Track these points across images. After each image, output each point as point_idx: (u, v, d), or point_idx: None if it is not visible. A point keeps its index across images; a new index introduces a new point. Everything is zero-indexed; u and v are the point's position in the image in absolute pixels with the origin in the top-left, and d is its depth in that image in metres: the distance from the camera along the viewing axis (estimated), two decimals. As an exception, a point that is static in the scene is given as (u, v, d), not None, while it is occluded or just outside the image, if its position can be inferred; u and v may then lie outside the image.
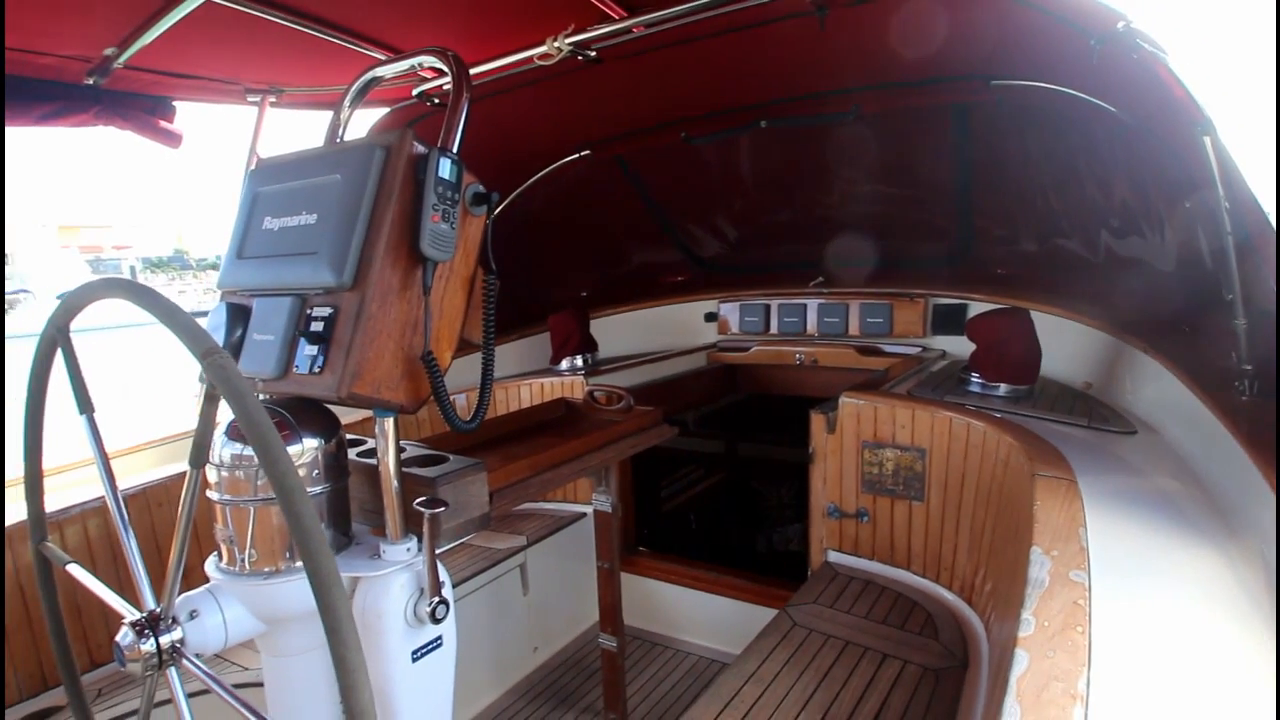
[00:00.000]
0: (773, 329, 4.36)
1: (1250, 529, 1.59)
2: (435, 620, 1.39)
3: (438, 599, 1.39)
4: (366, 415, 2.19)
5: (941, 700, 2.00)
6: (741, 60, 2.64)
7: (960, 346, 3.65)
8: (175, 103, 2.64)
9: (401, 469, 1.41)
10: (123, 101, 2.48)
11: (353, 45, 2.33)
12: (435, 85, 2.66)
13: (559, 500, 3.73)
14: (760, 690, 2.06)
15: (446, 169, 1.31)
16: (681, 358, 4.25)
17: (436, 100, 2.73)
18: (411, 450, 1.66)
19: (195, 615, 1.23)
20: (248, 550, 1.31)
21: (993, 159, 3.07)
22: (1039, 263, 3.43)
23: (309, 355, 1.26)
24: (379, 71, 1.63)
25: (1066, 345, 3.13)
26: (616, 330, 4.66)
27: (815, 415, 2.88)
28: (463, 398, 3.42)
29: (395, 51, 2.41)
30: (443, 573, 1.43)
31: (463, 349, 1.48)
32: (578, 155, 3.74)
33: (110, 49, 2.18)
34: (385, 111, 2.94)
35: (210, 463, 1.29)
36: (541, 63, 2.30)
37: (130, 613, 1.16)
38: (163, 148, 2.71)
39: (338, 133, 1.66)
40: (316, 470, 1.36)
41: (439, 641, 1.44)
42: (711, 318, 4.65)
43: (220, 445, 1.30)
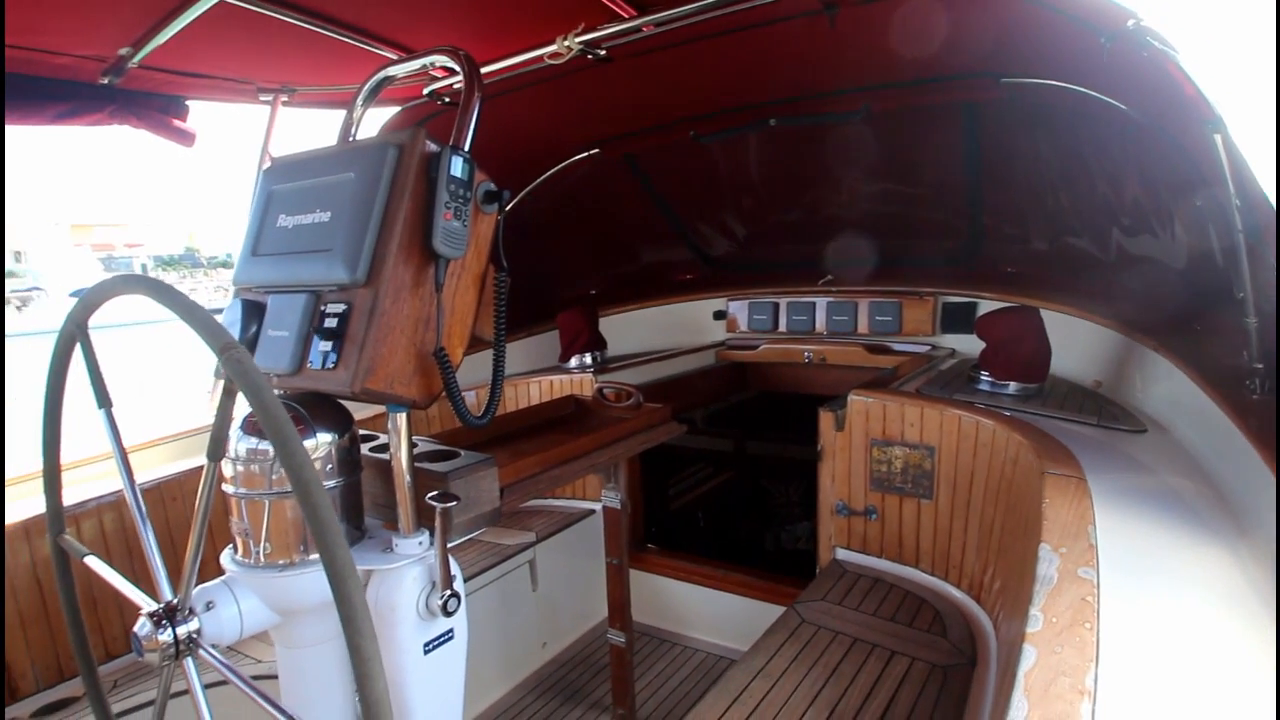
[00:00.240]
0: (781, 327, 4.36)
1: (1260, 528, 1.59)
2: (447, 613, 1.41)
3: (449, 592, 1.41)
4: (377, 411, 2.21)
5: (949, 697, 2.01)
6: (751, 59, 2.64)
7: (970, 345, 3.65)
8: (188, 102, 2.66)
9: (414, 464, 1.43)
10: (137, 101, 2.50)
11: (364, 45, 2.35)
12: (445, 84, 2.67)
13: (568, 497, 3.75)
14: (768, 686, 2.07)
15: (459, 167, 1.33)
16: (690, 356, 4.26)
17: (447, 99, 2.74)
18: (423, 445, 1.68)
19: (211, 606, 1.25)
20: (263, 543, 1.33)
21: (1002, 157, 3.07)
22: (1049, 261, 3.42)
23: (323, 351, 1.28)
24: (391, 71, 1.64)
25: (1076, 343, 3.12)
26: (625, 328, 4.67)
27: (824, 413, 2.89)
28: (472, 394, 3.43)
29: (406, 51, 2.43)
30: (454, 566, 1.44)
31: (472, 346, 1.49)
32: (587, 154, 3.75)
33: (125, 49, 2.21)
34: (396, 110, 2.96)
35: (226, 457, 1.31)
36: (551, 62, 2.32)
37: (148, 604, 1.18)
38: (175, 146, 2.75)
39: (350, 131, 1.68)
40: (330, 465, 1.38)
41: (450, 634, 1.46)
42: (720, 316, 4.65)
43: (236, 439, 1.32)
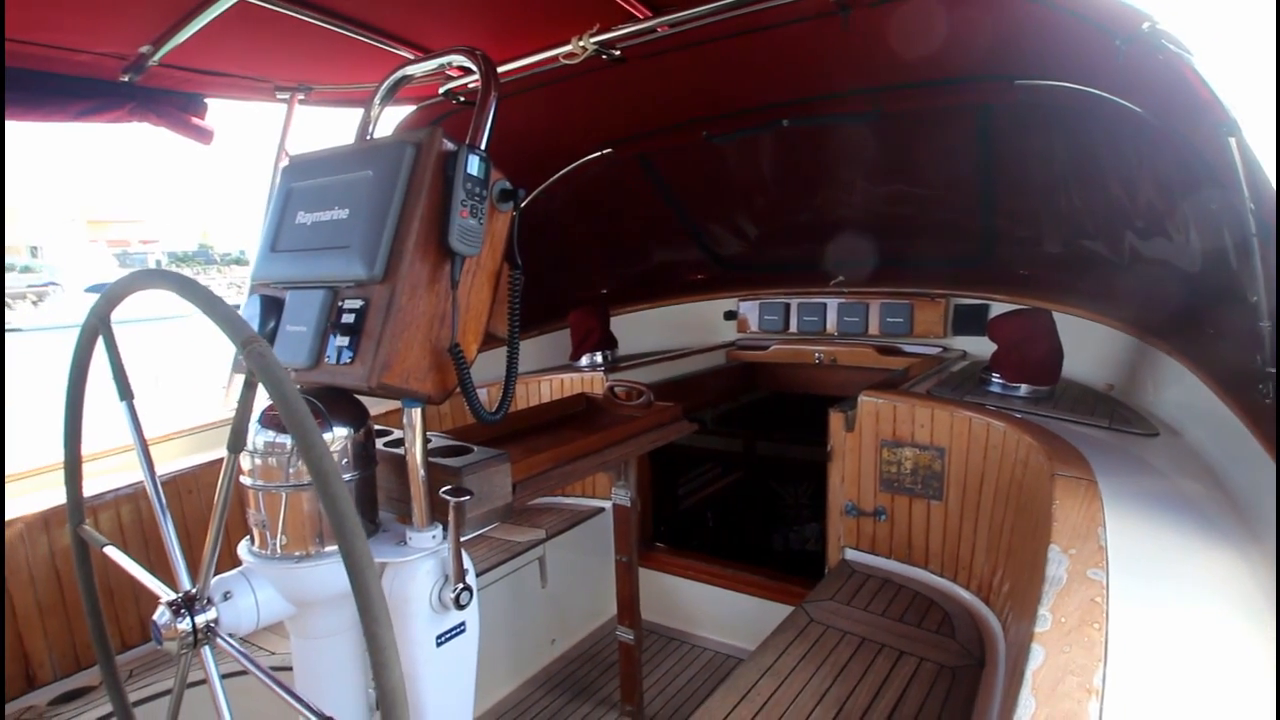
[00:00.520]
0: (792, 328, 4.37)
1: (1271, 532, 1.59)
2: (460, 606, 1.42)
3: (462, 585, 1.42)
4: (391, 407, 2.23)
5: (957, 698, 2.01)
6: (764, 59, 2.65)
7: (981, 347, 3.64)
8: (207, 100, 2.69)
9: (428, 459, 1.45)
10: (156, 98, 2.54)
11: (381, 44, 2.37)
12: (461, 83, 2.69)
13: (577, 495, 3.77)
14: (776, 684, 2.08)
15: (475, 166, 1.34)
16: (700, 355, 4.27)
17: (462, 98, 2.76)
18: (437, 441, 1.70)
19: (229, 596, 1.28)
20: (279, 535, 1.35)
21: (1016, 159, 3.06)
22: (1061, 263, 3.41)
23: (340, 346, 1.30)
24: (408, 70, 1.66)
25: (1089, 346, 3.11)
26: (636, 327, 4.68)
27: (834, 413, 2.89)
28: (483, 392, 3.46)
29: (423, 50, 2.45)
30: (466, 560, 1.46)
31: (485, 344, 1.51)
32: (599, 153, 3.76)
33: (145, 47, 2.23)
34: (411, 109, 2.98)
35: (245, 449, 1.33)
36: (566, 62, 2.33)
37: (166, 593, 1.20)
38: (192, 144, 2.78)
39: (368, 130, 1.70)
40: (345, 458, 1.40)
41: (462, 627, 1.47)
42: (731, 316, 4.66)
43: (254, 432, 1.34)
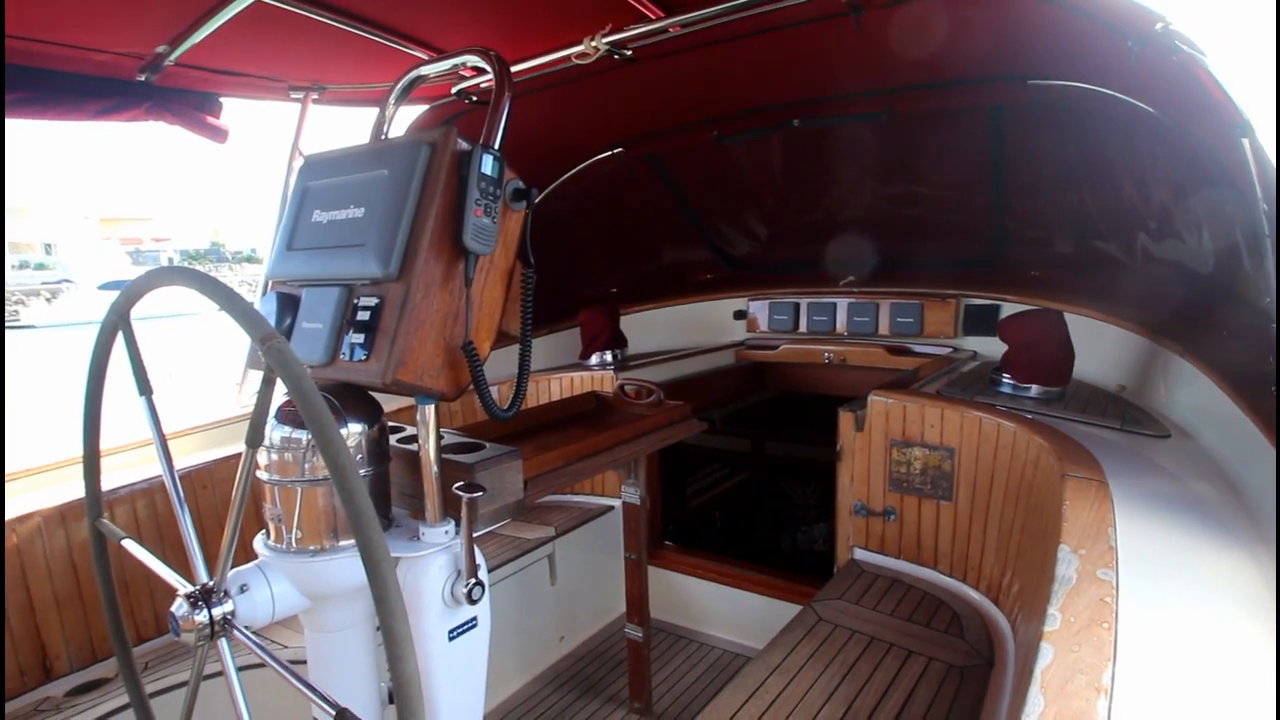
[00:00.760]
0: (802, 328, 4.37)
1: None
2: (472, 601, 1.44)
3: (474, 580, 1.44)
4: (403, 405, 2.25)
5: (966, 698, 2.01)
6: (776, 60, 2.65)
7: (992, 348, 3.63)
8: (222, 99, 2.72)
9: (441, 455, 1.46)
10: (172, 98, 2.56)
11: (394, 44, 2.39)
12: (473, 83, 2.71)
13: (586, 493, 3.78)
14: (785, 682, 2.09)
15: (489, 165, 1.36)
16: (710, 355, 4.28)
17: (474, 98, 2.78)
18: (449, 438, 1.71)
19: (245, 589, 1.29)
20: (295, 529, 1.36)
21: (1028, 159, 3.06)
22: (1073, 264, 3.40)
23: (355, 343, 1.31)
24: (423, 71, 1.68)
25: (1100, 347, 3.11)
26: (646, 327, 4.69)
27: (843, 413, 2.89)
28: (494, 389, 3.47)
29: (436, 50, 2.47)
30: (479, 556, 1.47)
31: (497, 341, 1.52)
32: (610, 153, 3.78)
33: (162, 47, 2.26)
34: (423, 108, 3.00)
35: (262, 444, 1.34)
36: (579, 62, 2.34)
37: (184, 586, 1.22)
38: (205, 142, 2.80)
39: (382, 129, 1.72)
40: (360, 454, 1.41)
41: (474, 622, 1.49)
42: (741, 315, 4.66)
43: (270, 428, 1.35)
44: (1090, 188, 2.93)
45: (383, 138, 1.71)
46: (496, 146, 1.40)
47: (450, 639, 1.45)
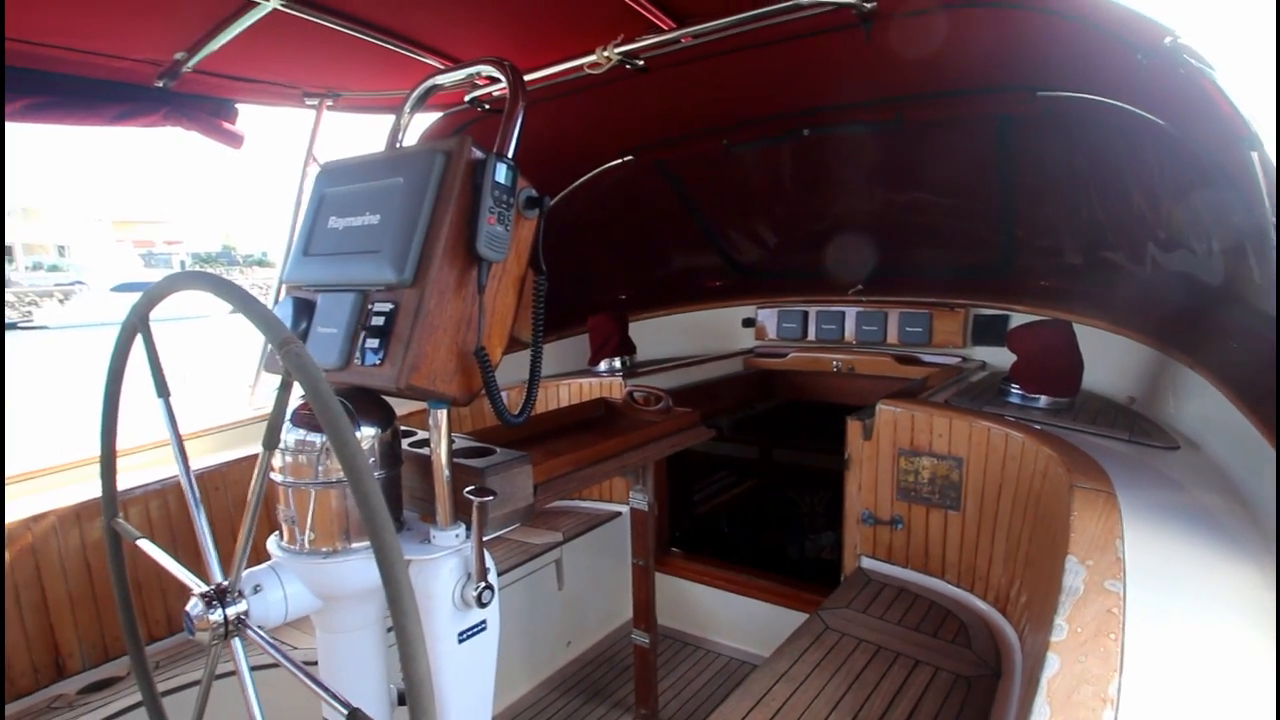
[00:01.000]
0: (810, 336, 4.37)
1: None
2: (481, 604, 1.45)
3: (484, 584, 1.45)
4: (413, 409, 2.27)
5: (973, 708, 2.01)
6: (786, 70, 2.67)
7: (1001, 358, 3.63)
8: (237, 105, 2.76)
9: (453, 459, 1.48)
10: (189, 104, 2.60)
11: (409, 52, 2.42)
12: (486, 92, 2.74)
13: (594, 499, 3.79)
14: (791, 690, 2.09)
15: (503, 174, 1.37)
16: (718, 362, 4.28)
17: (487, 106, 2.81)
18: (460, 442, 1.73)
19: (259, 589, 1.31)
20: (308, 530, 1.38)
21: (1036, 169, 3.06)
22: (1083, 274, 3.40)
23: (370, 348, 1.33)
24: (438, 80, 1.70)
25: (1110, 358, 3.10)
26: (654, 333, 4.71)
27: (852, 422, 2.90)
28: (505, 395, 3.48)
29: (450, 59, 2.50)
30: (488, 559, 1.49)
31: (508, 347, 1.54)
32: (621, 161, 3.80)
33: (180, 54, 2.30)
34: (436, 115, 3.03)
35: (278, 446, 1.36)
36: (591, 71, 2.36)
37: (199, 585, 1.23)
38: (222, 147, 2.84)
39: (398, 137, 1.74)
40: (373, 457, 1.43)
41: (483, 625, 1.50)
42: (749, 323, 4.67)
43: (285, 431, 1.37)
44: (1099, 198, 2.93)
45: (398, 145, 1.73)
46: (510, 155, 1.42)
47: (460, 641, 1.46)
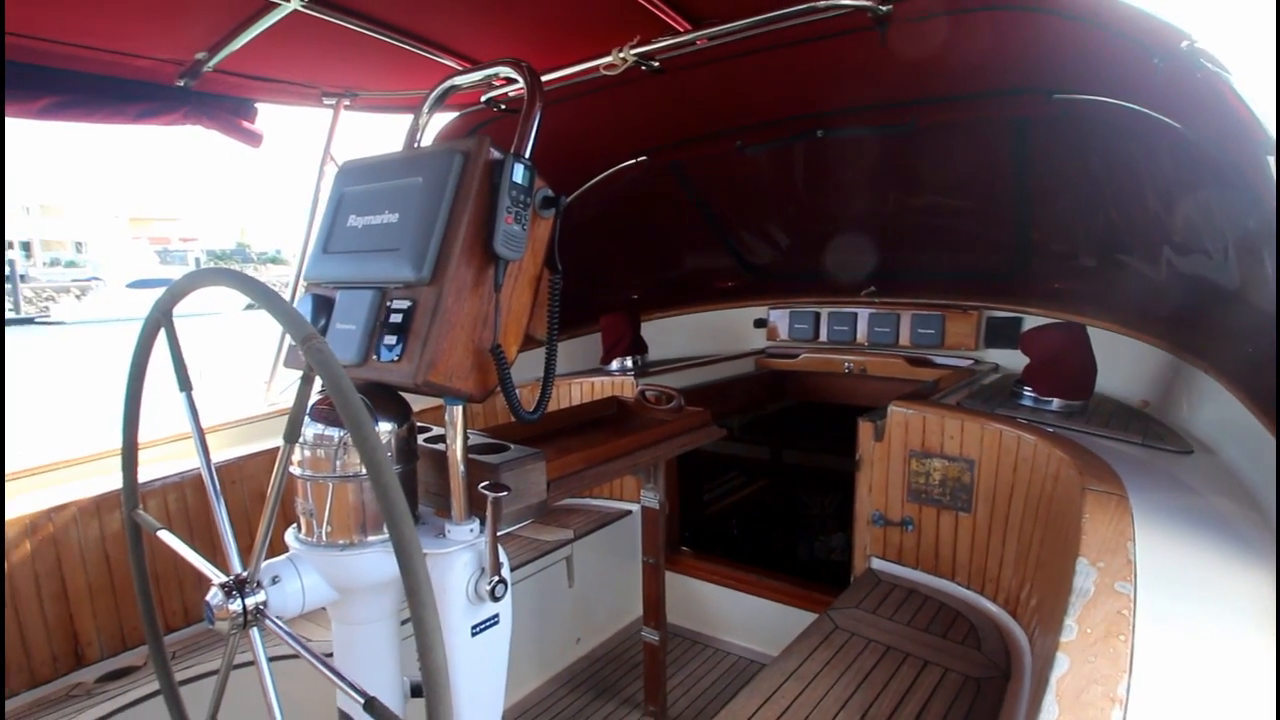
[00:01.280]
0: (822, 337, 4.37)
1: None
2: (495, 598, 1.47)
3: (497, 578, 1.47)
4: (427, 406, 2.29)
5: (981, 709, 2.01)
6: (800, 72, 2.68)
7: (1013, 361, 3.62)
8: (257, 104, 2.79)
9: (468, 455, 1.50)
10: (210, 103, 2.63)
11: (425, 53, 2.44)
12: (502, 92, 2.76)
13: (605, 497, 3.81)
14: (800, 688, 2.10)
15: (520, 174, 1.39)
16: (729, 363, 4.29)
17: (503, 106, 2.83)
18: (475, 438, 1.75)
19: (277, 580, 1.33)
20: (325, 523, 1.40)
21: (1052, 172, 3.05)
22: (1097, 277, 3.38)
23: (388, 344, 1.35)
24: (457, 80, 1.72)
25: (1124, 362, 3.09)
26: (666, 333, 4.72)
27: (863, 423, 2.90)
28: (519, 392, 3.50)
29: (466, 59, 2.52)
30: (502, 554, 1.51)
31: (523, 345, 1.56)
32: (634, 161, 3.81)
33: (201, 53, 2.33)
34: (453, 115, 3.06)
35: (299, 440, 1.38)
36: (606, 72, 2.38)
37: (218, 576, 1.26)
38: (240, 145, 2.87)
39: (416, 137, 1.76)
40: (389, 452, 1.45)
41: (496, 619, 1.52)
42: (761, 324, 4.67)
43: (304, 425, 1.39)
44: (1114, 201, 2.92)
45: (416, 145, 1.75)
46: (527, 155, 1.44)
47: (473, 635, 1.48)
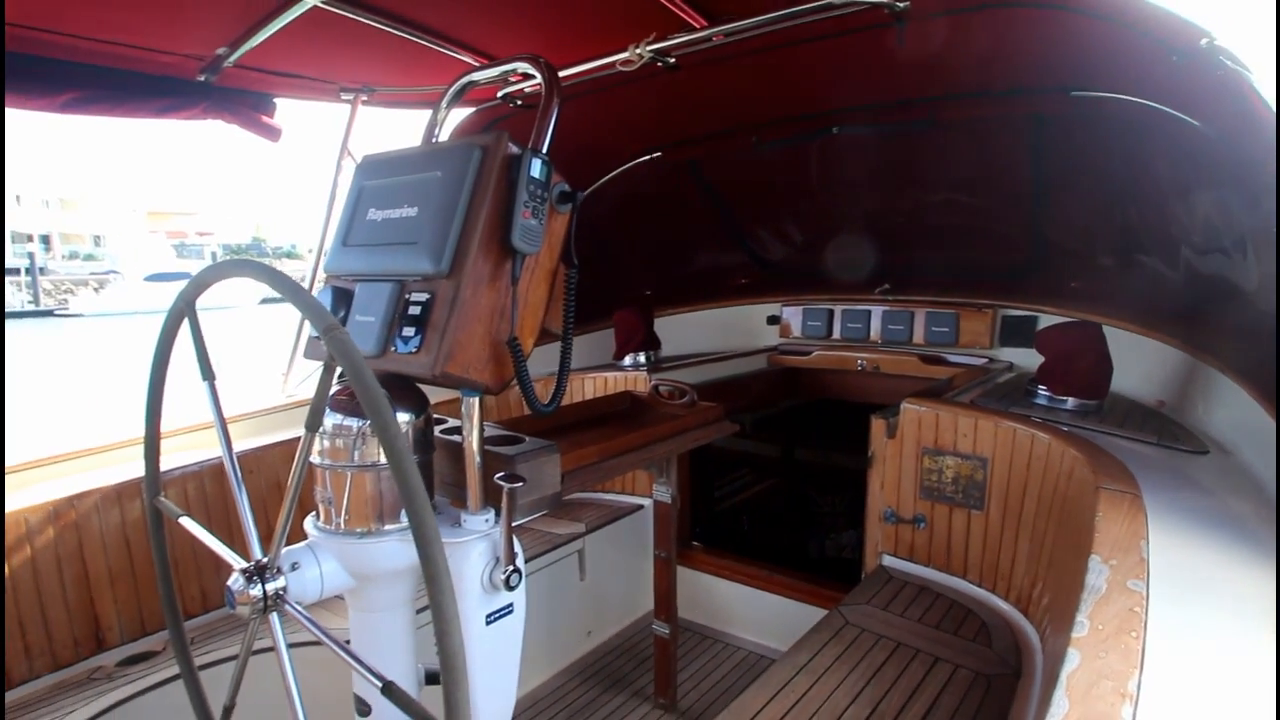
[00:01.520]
0: (835, 334, 4.36)
1: None
2: (509, 587, 1.49)
3: (512, 567, 1.49)
4: (443, 398, 2.31)
5: (992, 705, 2.01)
6: (817, 68, 2.67)
7: (1028, 360, 3.60)
8: (276, 99, 2.82)
9: (484, 446, 1.52)
10: (230, 97, 2.66)
11: (442, 49, 2.46)
12: (518, 88, 2.77)
13: (616, 491, 3.83)
14: (811, 682, 2.11)
15: (538, 169, 1.41)
16: (742, 359, 4.29)
17: (519, 102, 2.84)
18: (490, 430, 1.77)
19: (296, 567, 1.36)
20: (343, 512, 1.43)
21: (1069, 170, 3.04)
22: (1113, 276, 3.36)
23: (407, 336, 1.37)
24: (475, 76, 1.74)
25: (1140, 362, 3.07)
26: (679, 329, 4.72)
27: (876, 420, 2.90)
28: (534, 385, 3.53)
29: (483, 55, 2.53)
30: (516, 545, 1.52)
31: (539, 339, 1.57)
32: (649, 157, 3.82)
33: (222, 49, 2.35)
34: (469, 111, 3.08)
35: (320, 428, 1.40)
36: (623, 69, 2.39)
37: (239, 562, 1.28)
38: (258, 140, 2.90)
39: (434, 132, 1.78)
40: (407, 443, 1.47)
41: (510, 608, 1.54)
42: (774, 320, 4.67)
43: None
44: (1132, 200, 2.90)
45: (434, 140, 1.77)
46: (544, 150, 1.45)
47: (487, 623, 1.50)
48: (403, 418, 1.46)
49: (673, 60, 2.42)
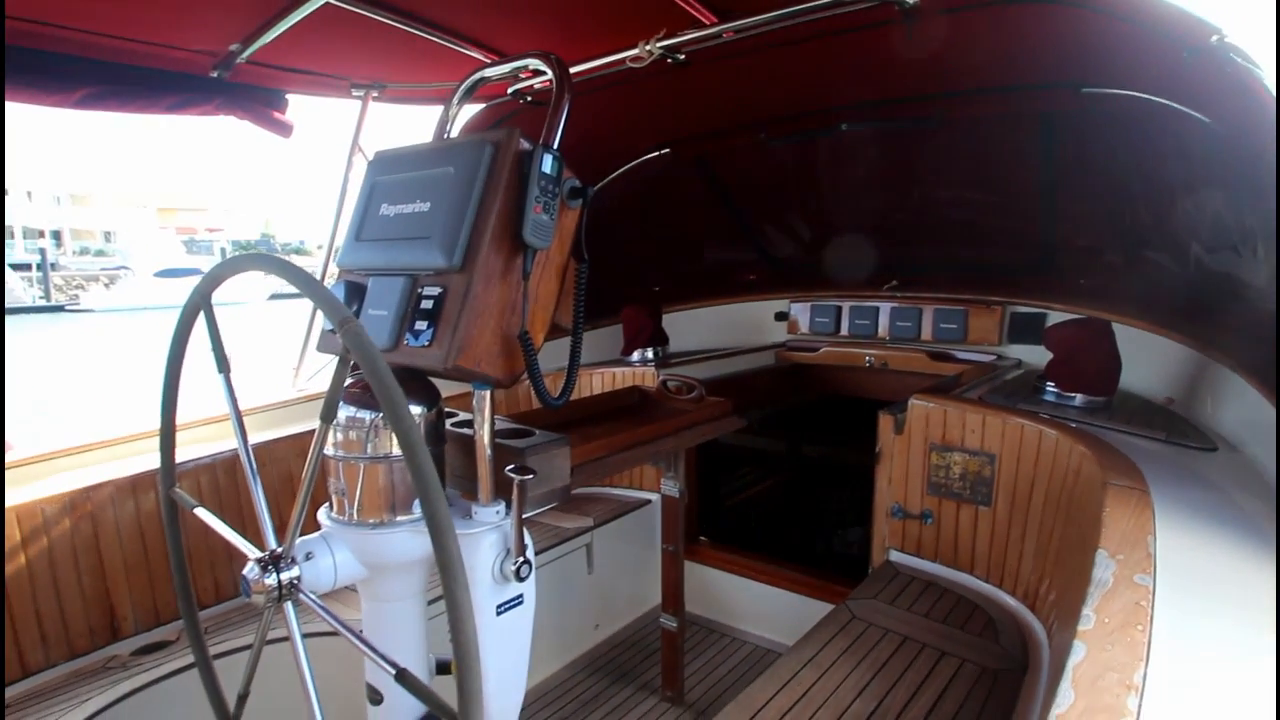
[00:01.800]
0: (843, 330, 4.36)
1: None
2: (519, 578, 1.51)
3: (522, 559, 1.51)
4: (454, 392, 2.34)
5: (998, 700, 2.02)
6: (826, 65, 2.68)
7: (1037, 357, 3.59)
8: (288, 95, 2.84)
9: (495, 439, 1.54)
10: (242, 94, 2.68)
11: (454, 45, 2.47)
12: (528, 84, 2.79)
13: (624, 486, 3.84)
14: (817, 675, 2.12)
15: (549, 165, 1.42)
16: (750, 355, 4.30)
17: (530, 98, 2.86)
18: (501, 424, 1.78)
19: (310, 557, 1.38)
20: (356, 503, 1.45)
21: (1079, 167, 3.03)
22: (1123, 273, 3.36)
23: (419, 330, 1.39)
24: (486, 73, 1.75)
25: (1149, 359, 3.06)
26: (687, 325, 4.73)
27: (883, 416, 2.91)
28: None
29: (494, 51, 2.55)
30: (526, 536, 1.54)
31: (549, 333, 1.59)
32: (658, 153, 3.82)
33: (235, 45, 2.37)
34: (479, 107, 3.09)
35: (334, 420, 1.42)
36: (633, 65, 2.40)
37: (254, 551, 1.31)
38: (269, 136, 2.93)
39: (445, 128, 1.80)
40: None
41: (520, 599, 1.56)
42: (782, 317, 4.67)
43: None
44: (1141, 196, 2.89)
45: (446, 136, 1.79)
46: (555, 146, 1.47)
47: (498, 614, 1.52)
48: (415, 410, 1.47)
49: (683, 57, 2.43)
